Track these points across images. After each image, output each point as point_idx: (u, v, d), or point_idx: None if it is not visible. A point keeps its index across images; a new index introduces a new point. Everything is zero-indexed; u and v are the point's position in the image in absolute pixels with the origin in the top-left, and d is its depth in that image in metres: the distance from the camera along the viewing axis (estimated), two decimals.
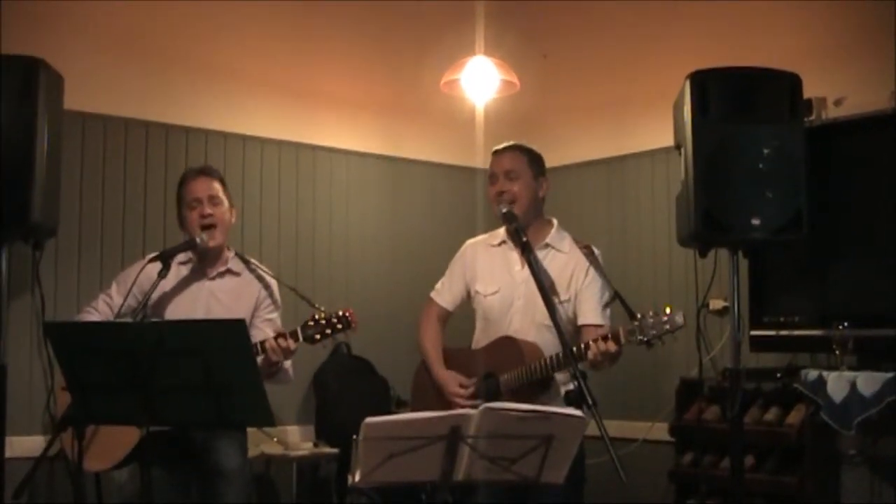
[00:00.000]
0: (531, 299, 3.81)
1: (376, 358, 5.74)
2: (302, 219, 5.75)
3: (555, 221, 3.99)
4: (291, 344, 3.71)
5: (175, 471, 3.84)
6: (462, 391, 3.86)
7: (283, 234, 5.65)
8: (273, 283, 4.10)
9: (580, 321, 3.80)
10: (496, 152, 3.99)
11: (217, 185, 4.02)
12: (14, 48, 3.68)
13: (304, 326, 3.77)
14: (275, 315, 4.04)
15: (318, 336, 3.77)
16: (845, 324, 4.33)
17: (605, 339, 3.46)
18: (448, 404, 3.84)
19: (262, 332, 3.86)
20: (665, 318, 3.34)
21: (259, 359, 3.68)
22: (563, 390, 3.57)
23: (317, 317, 3.78)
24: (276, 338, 3.72)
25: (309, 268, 5.68)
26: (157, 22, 5.18)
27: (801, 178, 3.71)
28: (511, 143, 4.01)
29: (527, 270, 3.79)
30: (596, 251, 3.84)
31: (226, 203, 4.02)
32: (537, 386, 3.67)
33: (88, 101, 4.81)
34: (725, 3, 5.39)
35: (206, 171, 4.06)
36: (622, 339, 3.42)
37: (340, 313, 3.79)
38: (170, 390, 2.89)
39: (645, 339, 3.36)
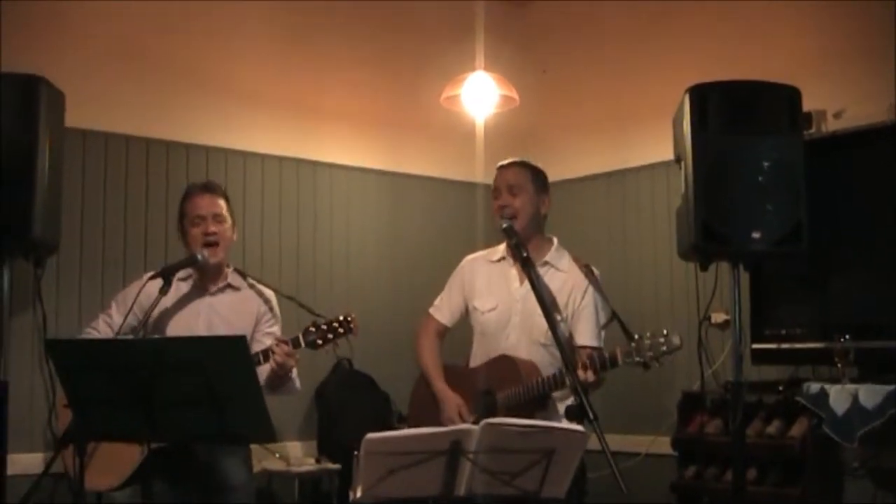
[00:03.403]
0: (528, 317, 3.82)
1: (378, 373, 5.74)
2: (303, 234, 5.75)
3: (555, 240, 4.00)
4: (290, 350, 3.71)
5: (178, 489, 3.82)
6: (458, 420, 3.84)
7: (284, 250, 5.65)
8: (272, 296, 4.09)
9: (575, 342, 3.80)
10: (501, 167, 4.00)
11: (221, 202, 4.00)
12: (15, 65, 3.69)
13: (306, 332, 3.78)
14: (276, 328, 4.04)
15: (320, 341, 3.77)
16: (847, 336, 4.32)
17: (584, 367, 3.47)
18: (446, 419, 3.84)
19: (264, 345, 3.85)
20: (662, 340, 3.35)
21: (266, 370, 3.69)
22: (561, 406, 3.58)
23: (318, 322, 3.78)
24: (276, 344, 3.72)
25: (310, 283, 5.68)
26: (158, 39, 5.21)
27: (801, 190, 3.71)
28: (516, 158, 4.02)
29: (525, 287, 3.80)
30: (596, 271, 3.84)
31: (229, 220, 4.01)
32: (535, 404, 3.66)
33: (89, 118, 4.82)
34: (724, 17, 5.42)
35: (211, 188, 4.03)
36: (619, 361, 3.43)
37: (342, 318, 3.79)
38: (171, 406, 2.89)
39: (641, 360, 3.37)
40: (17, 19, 4.60)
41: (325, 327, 3.78)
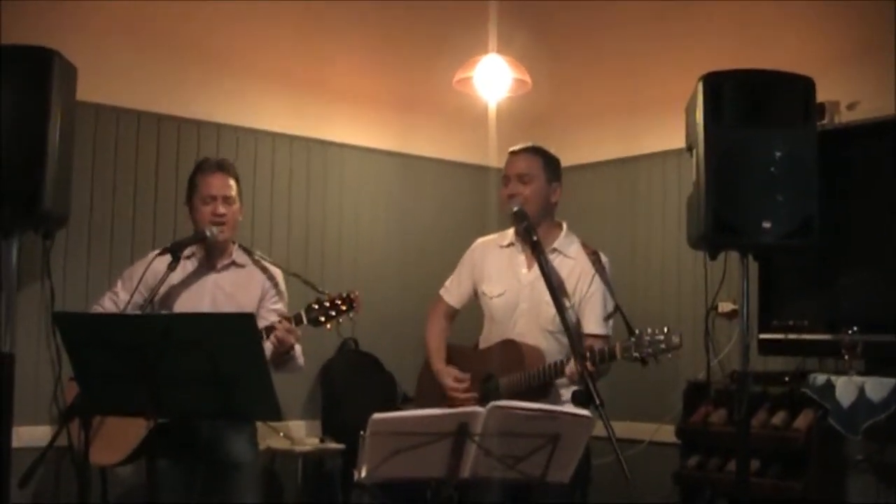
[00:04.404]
0: (535, 304, 3.80)
1: (383, 354, 5.75)
2: (312, 214, 5.75)
3: (564, 225, 3.97)
4: (291, 326, 3.72)
5: (182, 465, 3.83)
6: (456, 385, 3.86)
7: (293, 230, 5.65)
8: (278, 273, 4.10)
9: (582, 329, 3.79)
10: (512, 153, 3.95)
11: (232, 183, 4.00)
12: (28, 39, 3.68)
13: (308, 309, 3.78)
14: (280, 305, 4.04)
15: (322, 318, 3.77)
16: (854, 328, 4.31)
17: (583, 357, 3.45)
18: (450, 401, 3.85)
19: (267, 321, 3.84)
20: (661, 337, 3.32)
21: (269, 346, 3.69)
22: (565, 393, 3.58)
23: (321, 299, 3.78)
24: (279, 321, 3.72)
25: (318, 263, 5.68)
26: (172, 16, 5.19)
27: (813, 182, 3.69)
28: (528, 144, 3.96)
29: (533, 273, 3.79)
30: (604, 258, 3.81)
31: (238, 202, 4.02)
32: (536, 391, 3.64)
33: (102, 93, 4.82)
34: (739, 5, 5.39)
35: (224, 167, 4.03)
36: (618, 355, 3.41)
37: (344, 294, 3.79)
38: (177, 383, 2.89)
39: (639, 356, 3.35)
40: None
41: (327, 304, 3.78)
